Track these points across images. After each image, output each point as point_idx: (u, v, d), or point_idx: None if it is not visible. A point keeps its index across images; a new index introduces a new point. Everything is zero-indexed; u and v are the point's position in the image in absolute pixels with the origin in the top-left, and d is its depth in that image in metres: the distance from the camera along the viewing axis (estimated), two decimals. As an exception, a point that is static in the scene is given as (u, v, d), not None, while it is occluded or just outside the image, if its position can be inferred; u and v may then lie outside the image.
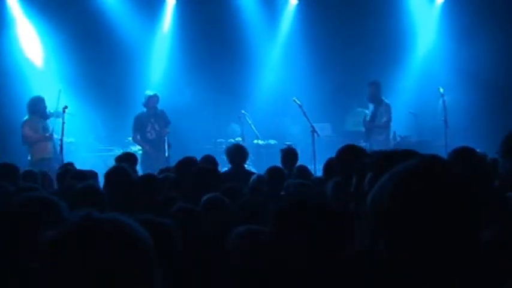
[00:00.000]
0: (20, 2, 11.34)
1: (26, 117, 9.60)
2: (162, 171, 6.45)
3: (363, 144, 8.97)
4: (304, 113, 9.99)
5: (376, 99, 10.81)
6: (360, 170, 2.63)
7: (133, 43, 11.90)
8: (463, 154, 3.95)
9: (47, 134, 9.57)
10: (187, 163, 5.85)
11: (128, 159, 6.75)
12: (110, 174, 5.27)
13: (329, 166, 5.06)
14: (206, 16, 11.90)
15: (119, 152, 9.40)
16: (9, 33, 11.15)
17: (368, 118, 10.86)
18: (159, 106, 10.52)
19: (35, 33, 11.35)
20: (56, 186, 6.24)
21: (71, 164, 7.06)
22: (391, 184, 1.31)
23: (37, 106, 9.55)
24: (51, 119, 9.66)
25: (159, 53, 12.37)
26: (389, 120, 10.86)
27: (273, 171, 5.84)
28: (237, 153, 6.85)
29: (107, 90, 11.46)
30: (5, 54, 10.97)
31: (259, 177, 5.77)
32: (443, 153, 8.19)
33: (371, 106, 10.90)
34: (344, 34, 12.06)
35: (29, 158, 9.47)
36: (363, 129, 11.02)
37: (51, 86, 10.85)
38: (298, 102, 10.13)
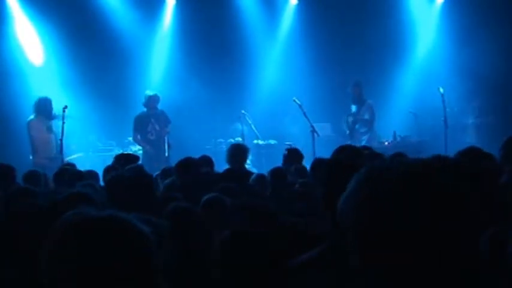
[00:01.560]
0: (20, 1, 11.32)
1: (31, 117, 9.61)
2: (164, 171, 6.44)
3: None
4: (304, 113, 9.97)
5: (360, 100, 10.95)
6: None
7: (134, 43, 11.88)
8: (471, 154, 3.91)
9: (51, 135, 9.59)
10: (187, 164, 5.84)
11: (127, 159, 6.72)
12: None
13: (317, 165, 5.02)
14: (206, 16, 11.88)
15: (118, 152, 9.38)
16: (8, 32, 11.13)
17: (351, 119, 11.00)
18: (159, 106, 10.53)
19: (35, 32, 11.32)
20: (52, 186, 6.20)
21: (70, 165, 7.04)
22: (373, 187, 1.26)
23: (44, 107, 9.58)
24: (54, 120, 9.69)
25: (159, 52, 12.36)
26: (372, 120, 10.91)
27: (275, 172, 5.85)
28: (238, 154, 6.83)
29: (107, 89, 11.43)
30: (4, 53, 10.95)
31: (259, 176, 5.77)
32: (443, 153, 8.19)
33: (354, 107, 11.01)
34: (344, 34, 12.05)
35: (31, 157, 9.47)
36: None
37: (50, 85, 10.84)
38: (298, 102, 10.12)
